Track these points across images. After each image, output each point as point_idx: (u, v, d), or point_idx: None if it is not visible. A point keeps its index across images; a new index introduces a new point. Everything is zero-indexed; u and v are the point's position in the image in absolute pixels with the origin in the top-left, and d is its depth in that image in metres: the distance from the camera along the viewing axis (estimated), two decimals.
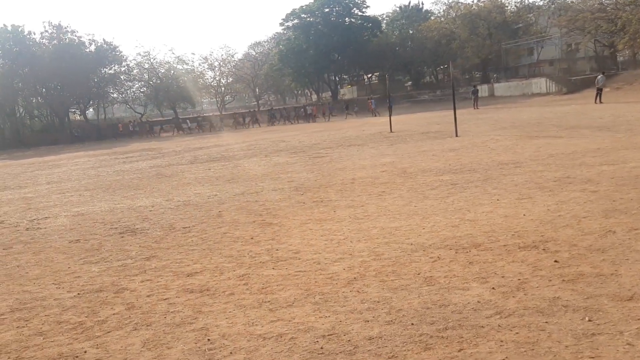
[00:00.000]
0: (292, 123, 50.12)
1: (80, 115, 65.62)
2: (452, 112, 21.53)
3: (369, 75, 73.79)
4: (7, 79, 54.71)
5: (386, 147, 17.64)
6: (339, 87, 70.37)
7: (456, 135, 18.97)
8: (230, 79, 66.36)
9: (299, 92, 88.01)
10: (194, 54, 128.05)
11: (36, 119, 61.71)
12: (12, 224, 9.87)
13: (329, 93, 69.93)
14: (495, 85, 53.13)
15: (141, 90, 61.96)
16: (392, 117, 41.29)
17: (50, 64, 54.41)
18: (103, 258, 6.76)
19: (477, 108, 39.89)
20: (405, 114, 42.27)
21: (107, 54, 58.99)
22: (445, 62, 65.30)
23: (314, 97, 76.99)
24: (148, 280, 5.69)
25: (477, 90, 41.80)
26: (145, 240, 7.52)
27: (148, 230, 8.21)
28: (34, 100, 60.50)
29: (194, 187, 12.63)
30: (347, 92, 73.61)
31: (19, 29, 55.37)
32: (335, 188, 10.55)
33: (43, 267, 6.57)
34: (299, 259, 5.93)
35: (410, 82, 72.30)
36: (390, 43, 65.87)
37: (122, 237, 7.90)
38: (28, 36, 56.41)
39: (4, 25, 54.99)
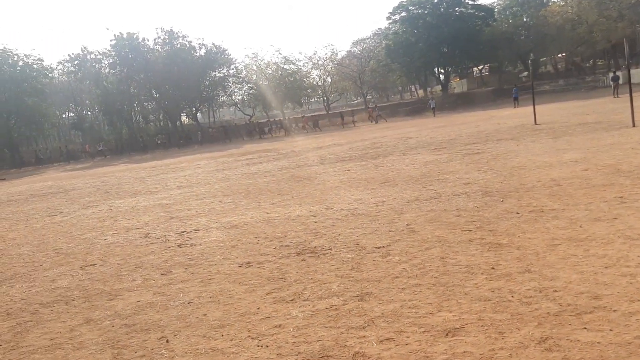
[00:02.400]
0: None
1: (190, 118, 67.05)
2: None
3: (480, 67, 69.69)
4: (124, 85, 56.76)
5: (552, 141, 15.03)
6: (449, 80, 66.88)
7: (633, 126, 15.93)
8: (336, 77, 64.96)
9: (404, 88, 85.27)
10: (300, 53, 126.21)
11: (151, 123, 63.68)
12: (159, 238, 8.55)
13: (439, 87, 66.72)
14: (632, 71, 47.65)
15: (249, 92, 62.10)
16: (517, 109, 38.05)
17: (163, 69, 55.80)
18: (297, 294, 5.05)
19: (618, 96, 35.57)
20: (531, 106, 38.67)
21: (217, 57, 59.66)
22: (568, 49, 60.29)
23: (420, 92, 74.10)
24: (388, 339, 3.85)
25: (618, 76, 37.32)
26: (337, 267, 5.75)
27: (331, 250, 6.46)
28: (149, 106, 62.50)
29: (348, 192, 10.87)
30: (457, 86, 69.95)
31: (134, 36, 57.26)
32: (540, 192, 8.33)
33: (223, 307, 4.96)
34: (613, 309, 3.85)
35: (525, 73, 67.32)
36: (503, 32, 61.49)
37: (303, 259, 6.20)
38: (142, 43, 58.19)
39: (120, 33, 57.13)
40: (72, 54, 61.90)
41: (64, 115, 74.06)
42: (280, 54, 69.47)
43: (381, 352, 3.66)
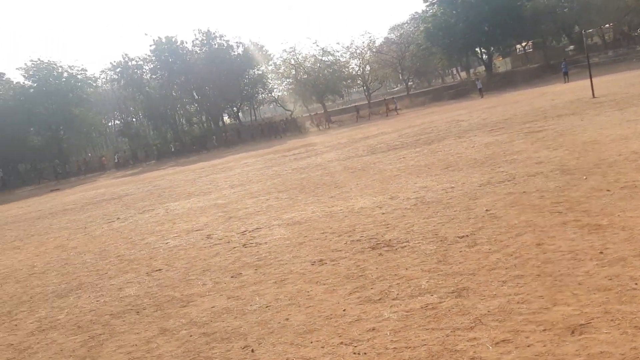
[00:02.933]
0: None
1: (232, 118, 67.35)
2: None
3: (524, 44, 67.43)
4: (166, 89, 57.40)
5: (619, 113, 14.12)
6: (492, 60, 64.91)
7: None
8: (376, 65, 63.88)
9: (445, 71, 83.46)
10: (338, 43, 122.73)
11: (195, 125, 64.25)
12: (222, 238, 8.28)
13: (482, 68, 64.93)
14: None
15: (289, 87, 61.81)
16: (569, 84, 36.50)
17: (203, 70, 56.09)
18: (383, 292, 4.63)
19: None
20: (582, 80, 37.03)
21: (254, 54, 59.64)
22: (615, 18, 57.70)
23: (463, 74, 72.36)
24: (504, 340, 3.39)
25: None
26: (420, 260, 5.30)
27: (409, 242, 6.01)
28: (191, 109, 63.09)
29: (409, 180, 10.38)
30: (501, 65, 67.90)
31: (173, 40, 57.73)
32: (626, 166, 7.65)
33: (305, 309, 4.59)
34: None
35: (572, 47, 64.81)
36: (546, 5, 59.23)
37: (380, 254, 5.78)
38: (181, 45, 58.61)
39: (159, 37, 57.67)
40: (114, 61, 62.98)
41: (110, 124, 75.70)
42: (317, 45, 68.63)
43: (501, 357, 3.21)
